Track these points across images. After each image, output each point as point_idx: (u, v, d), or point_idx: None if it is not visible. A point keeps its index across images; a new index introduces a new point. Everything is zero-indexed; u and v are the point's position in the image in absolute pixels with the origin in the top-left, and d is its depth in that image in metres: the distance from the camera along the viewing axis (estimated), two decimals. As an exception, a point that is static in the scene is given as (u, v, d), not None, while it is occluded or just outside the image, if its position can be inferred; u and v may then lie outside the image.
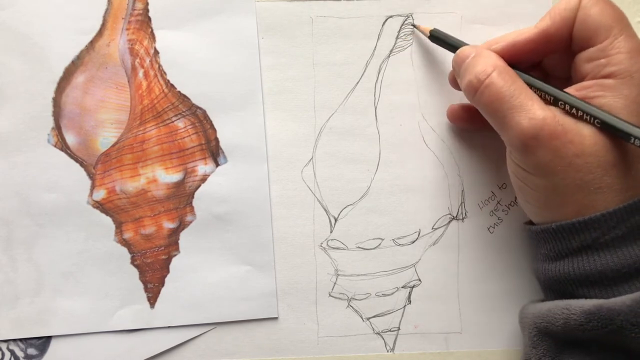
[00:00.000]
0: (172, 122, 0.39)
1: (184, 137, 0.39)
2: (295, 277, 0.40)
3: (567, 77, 0.35)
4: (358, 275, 0.40)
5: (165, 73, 0.39)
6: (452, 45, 0.37)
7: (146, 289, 0.40)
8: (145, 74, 0.39)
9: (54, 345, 0.39)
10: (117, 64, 0.39)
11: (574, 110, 0.31)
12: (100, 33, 0.39)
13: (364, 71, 0.40)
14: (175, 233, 0.40)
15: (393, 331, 0.40)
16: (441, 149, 0.40)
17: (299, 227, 0.40)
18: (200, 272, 0.40)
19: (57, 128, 0.39)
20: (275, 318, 0.40)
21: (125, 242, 0.39)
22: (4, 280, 0.39)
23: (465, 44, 0.36)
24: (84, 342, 0.39)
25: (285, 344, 0.40)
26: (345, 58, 0.40)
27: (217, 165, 0.40)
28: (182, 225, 0.40)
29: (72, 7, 0.39)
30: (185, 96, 0.39)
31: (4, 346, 0.39)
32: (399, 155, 0.40)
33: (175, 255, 0.40)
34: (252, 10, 0.40)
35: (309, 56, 0.40)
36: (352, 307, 0.40)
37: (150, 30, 0.39)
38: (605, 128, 0.31)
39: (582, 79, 0.33)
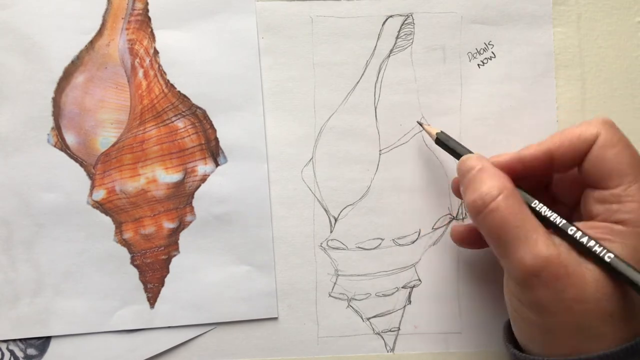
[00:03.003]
0: (172, 122, 0.39)
1: (183, 137, 0.39)
2: (295, 277, 0.40)
3: (575, 204, 0.35)
4: (358, 275, 0.40)
5: (165, 73, 0.39)
6: (455, 151, 0.36)
7: (146, 289, 0.40)
8: (145, 74, 0.39)
9: (53, 345, 0.39)
10: (117, 63, 0.39)
11: (580, 247, 0.30)
12: (100, 33, 0.39)
13: (364, 71, 0.40)
14: (175, 233, 0.40)
15: (393, 331, 0.40)
16: (441, 149, 0.40)
17: (299, 227, 0.40)
18: (200, 272, 0.40)
19: (57, 128, 0.39)
20: (275, 318, 0.40)
21: (125, 242, 0.39)
22: (4, 280, 0.39)
23: (469, 152, 0.35)
24: (83, 342, 0.39)
25: (285, 344, 0.40)
26: (345, 58, 0.40)
27: (217, 165, 0.40)
28: (182, 225, 0.40)
29: (72, 7, 0.39)
30: (185, 96, 0.39)
31: (3, 346, 0.39)
32: (399, 155, 0.40)
33: (175, 255, 0.40)
34: (252, 10, 0.40)
35: (309, 56, 0.40)
36: (352, 307, 0.40)
37: (150, 30, 0.39)
38: (612, 272, 0.29)
39: (592, 217, 0.32)
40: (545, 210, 0.32)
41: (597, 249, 0.30)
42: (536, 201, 0.33)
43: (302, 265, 0.40)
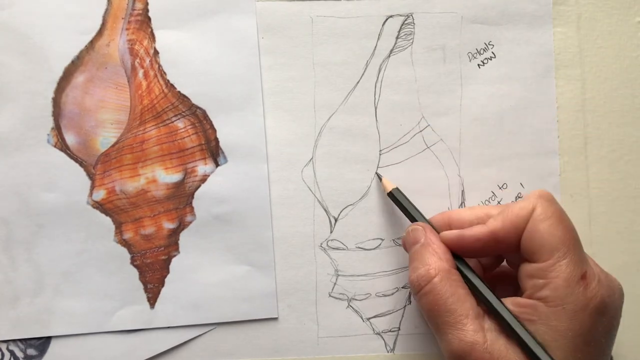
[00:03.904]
0: (172, 122, 0.39)
1: (183, 137, 0.39)
2: (295, 277, 0.40)
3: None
4: (358, 275, 0.40)
5: (165, 73, 0.39)
6: (408, 211, 0.37)
7: (146, 289, 0.40)
8: (145, 74, 0.39)
9: (53, 345, 0.39)
10: (117, 64, 0.39)
11: (509, 330, 0.31)
12: (100, 33, 0.39)
13: (364, 71, 0.40)
14: (175, 233, 0.40)
15: (393, 331, 0.40)
16: (441, 149, 0.40)
17: (299, 227, 0.40)
18: (200, 272, 0.40)
19: (57, 128, 0.39)
20: (275, 318, 0.40)
21: (125, 243, 0.39)
22: (3, 280, 0.39)
23: (419, 214, 0.36)
24: (83, 342, 0.39)
25: (285, 344, 0.40)
26: (345, 58, 0.40)
27: (217, 165, 0.40)
28: (182, 226, 0.40)
29: (72, 7, 0.39)
30: (185, 96, 0.39)
31: (3, 346, 0.39)
32: (399, 155, 0.40)
33: (175, 255, 0.40)
34: (252, 10, 0.39)
35: (309, 56, 0.40)
36: (352, 308, 0.40)
37: (150, 30, 0.39)
38: (531, 357, 0.30)
39: (522, 290, 0.32)
40: (482, 289, 0.33)
41: (522, 334, 0.30)
42: (476, 278, 0.33)
43: (302, 265, 0.40)
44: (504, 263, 0.37)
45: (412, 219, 0.37)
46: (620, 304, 0.33)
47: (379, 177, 0.39)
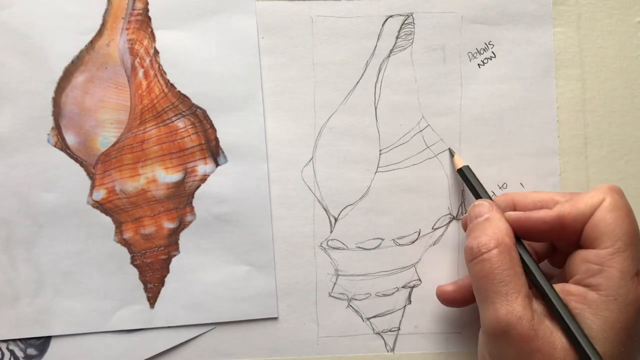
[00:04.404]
0: (172, 122, 0.39)
1: (183, 137, 0.39)
2: (295, 277, 0.40)
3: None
4: (358, 275, 0.40)
5: (165, 73, 0.39)
6: (474, 188, 0.37)
7: (146, 289, 0.40)
8: (145, 74, 0.39)
9: (53, 345, 0.39)
10: (117, 63, 0.39)
11: (557, 316, 0.31)
12: (100, 33, 0.39)
13: (364, 71, 0.40)
14: (175, 233, 0.40)
15: (393, 331, 0.40)
16: (441, 149, 0.40)
17: (299, 227, 0.40)
18: (200, 272, 0.40)
19: (57, 128, 0.39)
20: (275, 318, 0.40)
21: (125, 242, 0.39)
22: (4, 280, 0.39)
23: (487, 194, 0.37)
24: (83, 342, 0.39)
25: (285, 344, 0.40)
26: (345, 58, 0.40)
27: (217, 165, 0.40)
28: (182, 225, 0.40)
29: (72, 7, 0.39)
30: (185, 96, 0.39)
31: (3, 346, 0.39)
32: (399, 155, 0.40)
33: (175, 255, 0.40)
34: (252, 10, 0.39)
35: (309, 56, 0.40)
36: (352, 307, 0.40)
37: (150, 30, 0.39)
38: (578, 347, 0.30)
39: (570, 276, 0.32)
40: (536, 272, 0.33)
41: (569, 321, 0.30)
42: (532, 262, 0.33)
43: (302, 265, 0.40)
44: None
45: (478, 197, 0.37)
46: None
47: (452, 154, 0.40)
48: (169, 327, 0.39)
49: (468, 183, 0.38)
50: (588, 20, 0.41)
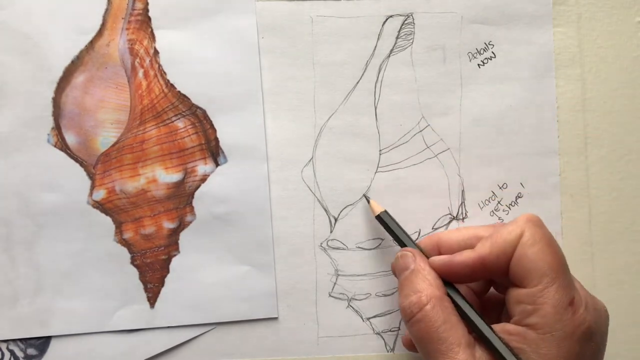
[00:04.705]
0: (172, 122, 0.39)
1: (183, 137, 0.39)
2: (295, 277, 0.40)
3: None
4: (358, 275, 0.40)
5: (165, 73, 0.39)
6: (396, 235, 0.37)
7: (146, 289, 0.40)
8: (145, 74, 0.39)
9: (53, 345, 0.39)
10: (117, 63, 0.39)
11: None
12: (100, 33, 0.39)
13: (364, 71, 0.40)
14: (175, 233, 0.40)
15: (393, 331, 0.40)
16: (441, 149, 0.40)
17: (299, 227, 0.40)
18: (200, 272, 0.40)
19: (57, 128, 0.39)
20: (275, 318, 0.40)
21: (125, 242, 0.39)
22: (4, 280, 0.39)
23: (407, 239, 0.36)
24: (83, 342, 0.39)
25: (285, 344, 0.40)
26: (345, 58, 0.40)
27: (217, 165, 0.40)
28: (182, 225, 0.40)
29: (72, 7, 0.39)
30: (185, 96, 0.39)
31: (3, 346, 0.39)
32: (399, 155, 0.40)
33: (175, 255, 0.40)
34: (252, 10, 0.39)
35: (309, 56, 0.40)
36: (352, 307, 0.40)
37: (150, 30, 0.39)
38: None
39: (509, 315, 0.32)
40: (474, 318, 0.33)
41: None
42: (467, 306, 0.33)
43: (302, 265, 0.40)
44: (492, 289, 0.37)
45: (401, 243, 0.37)
46: (606, 328, 0.32)
47: (367, 200, 0.39)
48: (169, 327, 0.39)
49: (388, 230, 0.37)
50: (588, 20, 0.41)
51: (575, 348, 0.30)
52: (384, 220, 0.37)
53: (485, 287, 0.37)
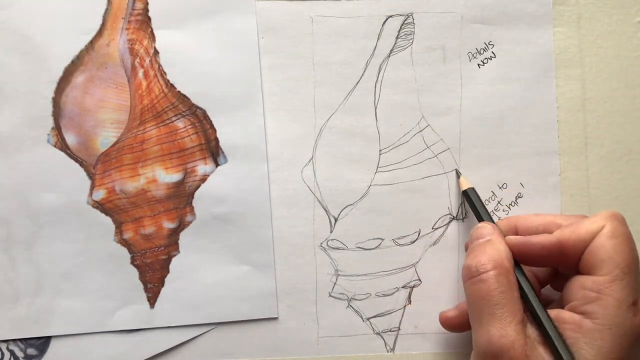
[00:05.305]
0: (172, 122, 0.39)
1: (183, 137, 0.39)
2: (295, 277, 0.40)
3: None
4: (358, 275, 0.40)
5: (165, 73, 0.39)
6: (477, 211, 0.37)
7: (146, 289, 0.40)
8: (145, 74, 0.39)
9: (53, 345, 0.39)
10: (117, 63, 0.39)
11: (551, 343, 0.31)
12: (100, 33, 0.39)
13: (364, 71, 0.40)
14: (175, 233, 0.40)
15: (393, 331, 0.40)
16: (441, 149, 0.40)
17: (299, 227, 0.40)
18: (200, 272, 0.40)
19: (57, 128, 0.39)
20: (275, 318, 0.40)
21: (125, 242, 0.39)
22: (3, 280, 0.39)
23: (488, 216, 0.37)
24: (83, 342, 0.39)
25: (285, 344, 0.40)
26: (345, 58, 0.40)
27: (217, 165, 0.40)
28: (182, 225, 0.40)
29: (72, 7, 0.39)
30: (185, 96, 0.39)
31: (3, 346, 0.39)
32: (399, 155, 0.40)
33: (175, 255, 0.40)
34: (252, 10, 0.39)
35: (309, 56, 0.40)
36: (352, 307, 0.40)
37: (150, 30, 0.39)
38: None
39: (567, 301, 0.32)
40: (532, 298, 0.33)
41: (561, 350, 0.30)
42: (529, 286, 0.33)
43: (302, 265, 0.40)
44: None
45: (481, 220, 0.37)
46: None
47: (458, 175, 0.40)
48: (169, 327, 0.39)
49: (472, 205, 0.38)
50: (588, 20, 0.41)
51: (630, 349, 0.30)
52: (470, 197, 0.38)
53: (549, 277, 0.37)
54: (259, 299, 0.39)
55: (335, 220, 0.40)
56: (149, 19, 0.39)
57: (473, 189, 0.38)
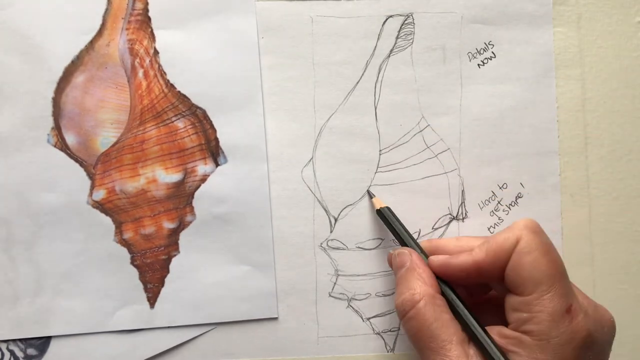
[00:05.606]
0: (172, 122, 0.39)
1: (183, 137, 0.39)
2: (295, 277, 0.40)
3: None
4: (358, 275, 0.40)
5: (165, 73, 0.39)
6: (394, 230, 0.37)
7: (146, 289, 0.40)
8: (145, 74, 0.39)
9: (53, 345, 0.39)
10: (117, 63, 0.39)
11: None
12: (100, 33, 0.39)
13: (364, 71, 0.40)
14: (175, 233, 0.40)
15: (393, 331, 0.40)
16: (441, 149, 0.40)
17: (299, 227, 0.40)
18: (200, 272, 0.40)
19: (57, 128, 0.39)
20: (275, 318, 0.40)
21: (125, 242, 0.39)
22: (4, 280, 0.39)
23: (407, 236, 0.36)
24: (83, 342, 0.39)
25: (285, 344, 0.40)
26: (345, 58, 0.40)
27: (217, 165, 0.40)
28: (182, 225, 0.40)
29: (72, 7, 0.39)
30: (185, 96, 0.39)
31: (3, 346, 0.39)
32: (399, 155, 0.40)
33: (175, 255, 0.40)
34: (252, 10, 0.39)
35: (308, 56, 0.40)
36: (352, 307, 0.40)
37: (150, 30, 0.39)
38: None
39: (508, 324, 0.32)
40: (466, 317, 0.33)
41: None
42: (461, 306, 0.33)
43: (302, 265, 0.40)
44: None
45: (401, 241, 0.37)
46: (610, 337, 0.32)
47: (370, 195, 0.39)
48: (169, 327, 0.39)
49: (389, 226, 0.37)
50: (588, 20, 0.41)
51: (573, 356, 0.30)
52: (384, 216, 0.38)
53: (483, 289, 0.37)
54: (259, 299, 0.39)
55: (335, 220, 0.40)
56: (149, 19, 0.39)
57: (387, 208, 0.38)
